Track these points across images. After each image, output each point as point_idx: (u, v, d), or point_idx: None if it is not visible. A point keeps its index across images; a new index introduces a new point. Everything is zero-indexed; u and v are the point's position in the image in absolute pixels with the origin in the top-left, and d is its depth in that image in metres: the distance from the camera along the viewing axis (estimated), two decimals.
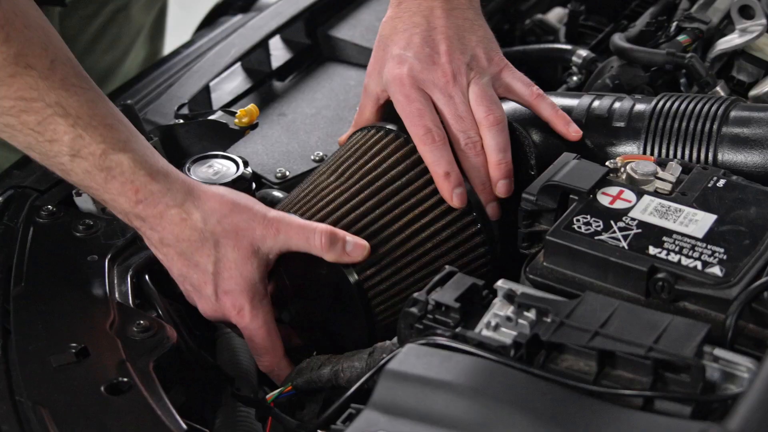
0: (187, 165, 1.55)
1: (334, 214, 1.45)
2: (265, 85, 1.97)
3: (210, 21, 2.25)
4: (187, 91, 1.79)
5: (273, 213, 1.41)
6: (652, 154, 1.53)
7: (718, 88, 1.70)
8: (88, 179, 1.37)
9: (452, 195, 1.47)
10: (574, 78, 1.88)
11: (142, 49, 2.26)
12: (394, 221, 1.47)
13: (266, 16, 2.00)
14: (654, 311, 1.20)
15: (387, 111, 1.58)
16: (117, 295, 1.41)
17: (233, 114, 1.65)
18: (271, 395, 1.42)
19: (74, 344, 1.30)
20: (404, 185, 1.48)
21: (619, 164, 1.41)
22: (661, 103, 1.54)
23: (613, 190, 1.36)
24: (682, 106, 1.53)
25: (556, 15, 2.22)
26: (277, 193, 1.65)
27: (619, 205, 1.34)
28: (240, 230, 1.39)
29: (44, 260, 1.46)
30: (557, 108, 1.55)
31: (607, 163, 1.42)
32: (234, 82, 1.95)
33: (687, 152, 1.50)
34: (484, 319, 1.24)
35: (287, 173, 1.71)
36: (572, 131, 1.53)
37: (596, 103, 1.59)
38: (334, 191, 1.48)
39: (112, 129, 1.37)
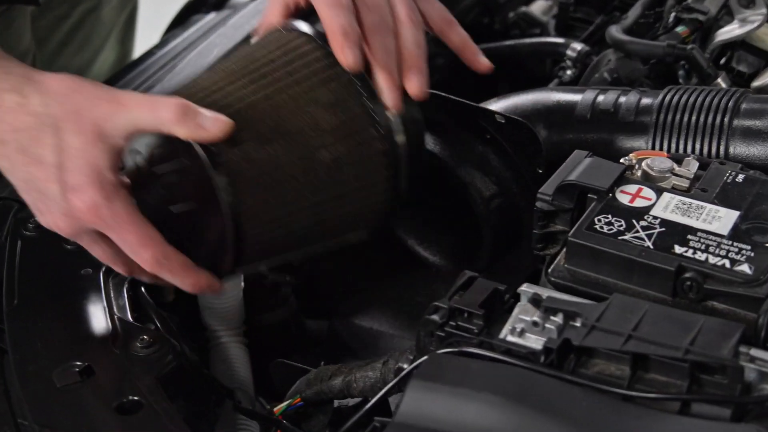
0: None
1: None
2: None
3: (181, 20, 2.22)
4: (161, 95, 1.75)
5: (121, 90, 1.28)
6: (661, 148, 1.53)
7: (719, 80, 1.71)
8: None
9: (344, 50, 1.33)
10: (568, 72, 1.88)
11: (113, 51, 2.23)
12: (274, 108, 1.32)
13: (246, 13, 1.98)
14: (685, 312, 1.20)
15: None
16: (115, 310, 1.38)
17: None
18: (280, 407, 1.40)
19: (77, 362, 1.27)
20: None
21: (633, 161, 1.41)
22: (668, 97, 1.54)
23: (632, 188, 1.35)
24: (691, 99, 1.53)
25: (539, 7, 2.21)
26: None
27: (639, 203, 1.33)
28: (82, 110, 1.25)
29: (36, 275, 1.43)
30: (468, 38, 1.52)
31: (621, 161, 1.41)
32: None
33: (698, 146, 1.50)
34: (508, 325, 1.22)
35: None
36: (482, 62, 1.50)
37: (601, 98, 1.59)
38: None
39: None
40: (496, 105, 1.65)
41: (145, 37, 2.30)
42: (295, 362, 1.59)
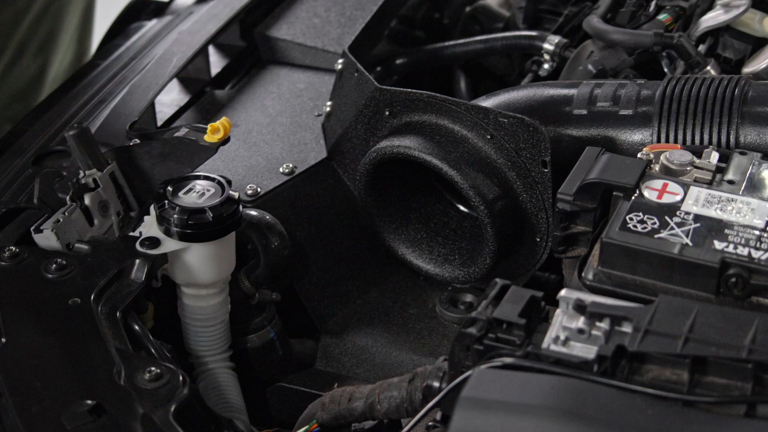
0: (167, 189, 1.46)
1: None
2: (206, 95, 1.89)
3: (119, 28, 2.15)
4: (134, 108, 1.70)
5: None
6: (666, 140, 1.52)
7: (709, 68, 1.71)
8: None
9: None
10: (545, 66, 1.86)
11: (70, 51, 2.15)
12: None
13: (201, 20, 1.92)
14: (737, 310, 1.19)
15: None
16: (112, 340, 1.32)
17: (202, 129, 1.57)
18: None
19: (86, 401, 1.21)
20: None
21: (651, 155, 1.40)
22: (670, 87, 1.54)
23: (657, 184, 1.34)
24: (695, 89, 1.53)
25: (496, 0, 2.20)
26: (253, 212, 1.57)
27: (667, 199, 1.32)
28: None
29: (20, 309, 1.36)
30: None
31: (639, 155, 1.40)
32: (170, 94, 1.87)
33: (706, 136, 1.50)
34: (551, 334, 1.20)
35: (258, 189, 1.64)
36: None
37: (598, 91, 1.58)
38: None
39: None
40: (487, 103, 1.62)
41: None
42: (292, 385, 1.55)
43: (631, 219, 1.29)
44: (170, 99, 1.85)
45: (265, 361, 1.63)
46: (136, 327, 1.39)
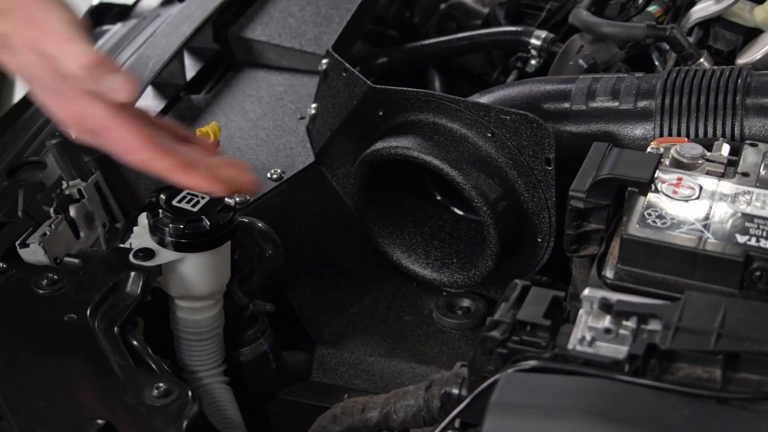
0: (160, 197, 1.44)
1: None
2: (183, 100, 1.87)
3: None
4: None
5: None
6: (669, 133, 1.54)
7: (702, 60, 1.73)
8: None
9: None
10: (533, 62, 1.87)
11: None
12: None
13: (174, 22, 1.90)
14: (765, 304, 1.20)
15: None
16: (114, 356, 1.30)
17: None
18: None
19: (97, 420, 1.19)
20: None
21: (661, 149, 1.41)
22: (670, 80, 1.55)
23: (671, 177, 1.35)
24: (696, 81, 1.54)
25: None
26: (245, 220, 1.56)
27: (683, 193, 1.33)
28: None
29: (14, 327, 1.34)
30: None
31: (648, 150, 1.41)
32: (145, 100, 1.85)
33: (710, 128, 1.51)
34: (577, 334, 1.20)
35: (247, 197, 1.63)
36: None
37: (596, 86, 1.58)
38: None
39: None
40: (483, 101, 1.62)
41: None
42: (294, 398, 1.54)
43: (649, 214, 1.29)
44: (145, 105, 1.82)
45: (258, 374, 1.61)
46: (135, 342, 1.37)
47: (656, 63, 1.79)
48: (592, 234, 1.38)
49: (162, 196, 1.45)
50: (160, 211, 1.43)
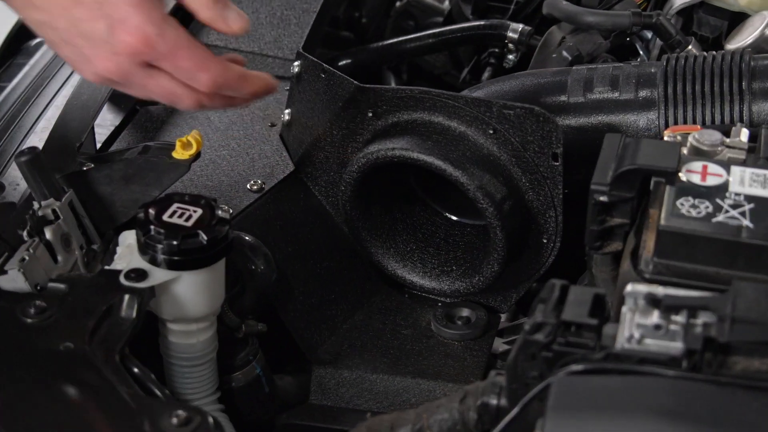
0: (149, 213, 1.41)
1: None
2: (140, 112, 1.84)
3: (15, 47, 2.07)
4: (76, 129, 1.64)
5: None
6: (675, 121, 1.56)
7: (690, 47, 1.75)
8: None
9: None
10: (510, 57, 1.87)
11: None
12: None
13: None
14: None
15: None
16: (120, 386, 1.27)
17: (167, 146, 1.52)
18: None
19: None
20: None
21: (679, 137, 1.42)
22: (671, 67, 1.57)
23: (696, 166, 1.36)
24: (697, 67, 1.56)
25: None
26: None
27: (712, 181, 1.34)
28: None
29: (7, 359, 1.30)
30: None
31: (666, 138, 1.42)
32: (100, 115, 1.80)
33: (717, 114, 1.53)
34: (624, 333, 1.20)
35: (230, 210, 1.59)
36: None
37: (592, 77, 1.59)
38: None
39: None
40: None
41: None
42: (303, 422, 1.52)
43: (682, 204, 1.30)
44: (101, 119, 1.78)
45: (251, 400, 1.59)
46: (136, 369, 1.34)
47: (641, 53, 1.80)
48: (615, 229, 1.38)
49: (151, 212, 1.41)
50: (152, 227, 1.39)
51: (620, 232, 1.39)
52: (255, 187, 1.65)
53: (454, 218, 1.69)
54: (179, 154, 1.53)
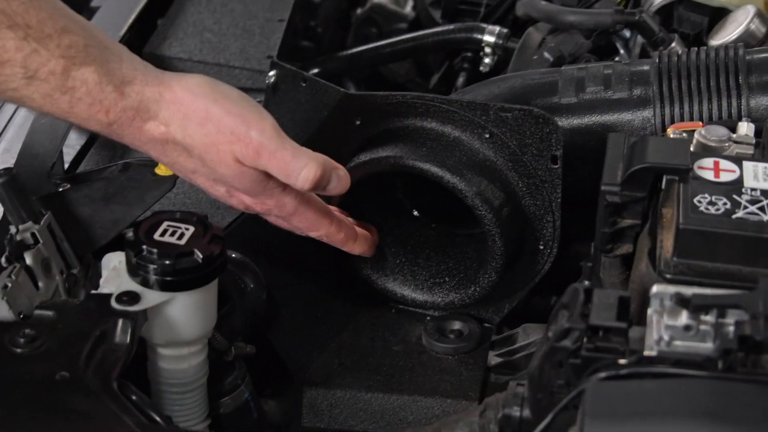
0: (139, 233, 1.38)
1: None
2: None
3: None
4: (47, 149, 1.61)
5: (254, 132, 1.40)
6: (672, 119, 1.57)
7: (674, 44, 1.76)
8: (49, 104, 1.34)
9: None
10: (486, 60, 1.87)
11: None
12: None
13: None
14: None
15: None
16: (124, 414, 1.25)
17: (150, 162, 1.50)
18: None
19: None
20: None
21: (685, 135, 1.43)
22: (664, 63, 1.58)
23: (708, 162, 1.36)
24: (691, 62, 1.57)
25: None
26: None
27: (725, 177, 1.34)
28: (218, 144, 1.39)
29: (2, 392, 1.26)
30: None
31: (671, 135, 1.43)
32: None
33: (715, 110, 1.54)
34: (652, 336, 1.20)
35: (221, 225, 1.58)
36: None
37: (583, 76, 1.60)
38: None
39: (69, 34, 1.32)
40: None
41: None
42: None
43: (699, 202, 1.30)
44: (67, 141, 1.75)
45: (240, 426, 1.56)
46: (134, 397, 1.31)
47: (621, 51, 1.81)
48: (626, 231, 1.38)
49: (141, 231, 1.39)
50: (144, 247, 1.37)
51: (631, 233, 1.39)
52: None
53: (444, 228, 1.68)
54: (163, 169, 1.51)
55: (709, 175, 1.35)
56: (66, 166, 1.71)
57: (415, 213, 1.70)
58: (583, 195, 1.55)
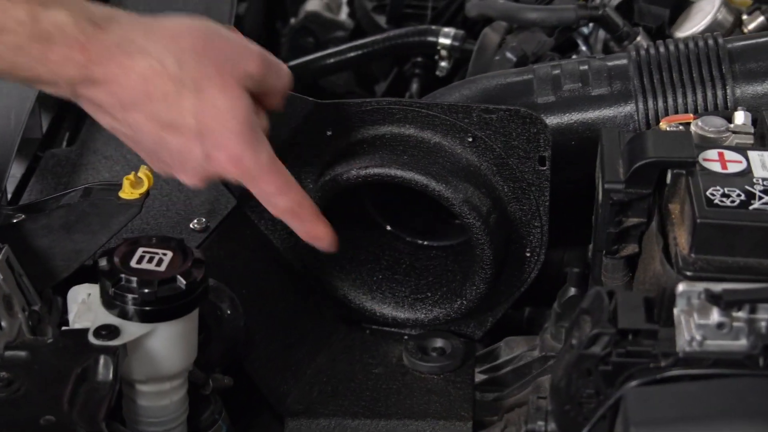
0: (114, 261, 1.33)
1: None
2: (45, 156, 1.75)
3: None
4: None
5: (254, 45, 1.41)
6: (656, 112, 1.58)
7: (639, 38, 1.76)
8: (19, 56, 1.29)
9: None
10: (443, 64, 1.85)
11: None
12: None
13: None
14: None
15: None
16: None
17: (112, 186, 1.45)
18: None
19: None
20: None
21: (681, 127, 1.42)
22: (642, 56, 1.57)
23: (712, 154, 1.36)
24: (671, 54, 1.57)
25: (319, 4, 2.17)
26: None
27: (733, 168, 1.34)
28: (223, 69, 1.36)
29: None
30: None
31: (666, 129, 1.43)
32: None
33: (700, 101, 1.55)
34: (684, 336, 1.18)
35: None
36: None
37: (557, 75, 1.59)
38: None
39: None
40: None
41: None
42: None
43: (713, 195, 1.29)
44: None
45: None
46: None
47: (583, 48, 1.80)
48: (631, 230, 1.37)
49: (116, 259, 1.34)
50: (123, 276, 1.31)
51: (636, 232, 1.38)
52: (199, 227, 1.58)
53: (418, 242, 1.65)
54: (128, 193, 1.46)
55: (716, 167, 1.34)
56: (9, 196, 1.65)
57: (388, 228, 1.66)
58: (565, 198, 1.54)
